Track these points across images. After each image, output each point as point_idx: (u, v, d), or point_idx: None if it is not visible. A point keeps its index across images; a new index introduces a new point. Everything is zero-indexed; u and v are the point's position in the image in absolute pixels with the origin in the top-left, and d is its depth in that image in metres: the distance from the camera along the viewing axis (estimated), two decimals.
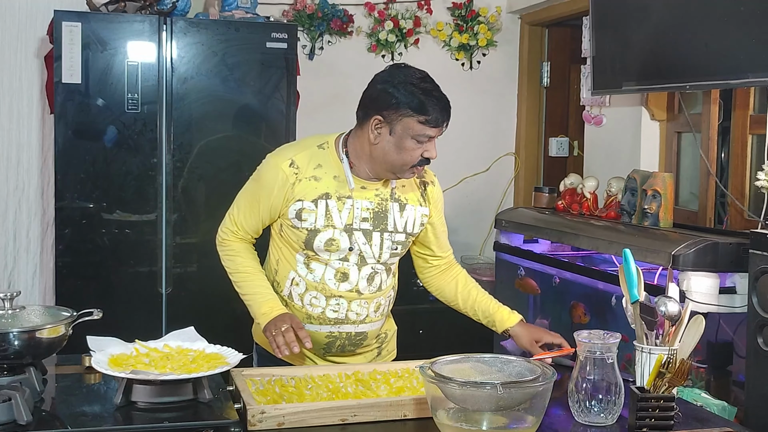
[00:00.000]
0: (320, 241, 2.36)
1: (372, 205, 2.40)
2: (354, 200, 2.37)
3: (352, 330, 2.46)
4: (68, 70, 3.73)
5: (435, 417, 1.83)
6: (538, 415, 1.81)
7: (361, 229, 2.38)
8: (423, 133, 2.28)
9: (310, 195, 2.36)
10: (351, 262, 2.40)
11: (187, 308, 3.90)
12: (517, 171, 5.27)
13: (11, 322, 2.02)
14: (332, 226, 2.36)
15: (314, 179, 2.37)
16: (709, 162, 3.66)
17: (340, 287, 2.41)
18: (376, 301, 2.47)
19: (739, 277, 2.91)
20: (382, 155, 2.33)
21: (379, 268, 2.44)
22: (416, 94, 2.26)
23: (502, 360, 1.96)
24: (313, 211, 2.35)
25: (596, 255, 3.73)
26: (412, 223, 2.46)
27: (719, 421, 2.05)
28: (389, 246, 2.42)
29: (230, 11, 4.09)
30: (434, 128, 2.29)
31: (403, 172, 2.35)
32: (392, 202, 2.43)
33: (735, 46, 3.15)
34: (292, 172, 2.37)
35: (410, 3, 4.97)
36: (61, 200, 3.80)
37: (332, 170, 2.38)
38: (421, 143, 2.30)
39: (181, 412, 1.91)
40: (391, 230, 2.42)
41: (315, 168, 2.38)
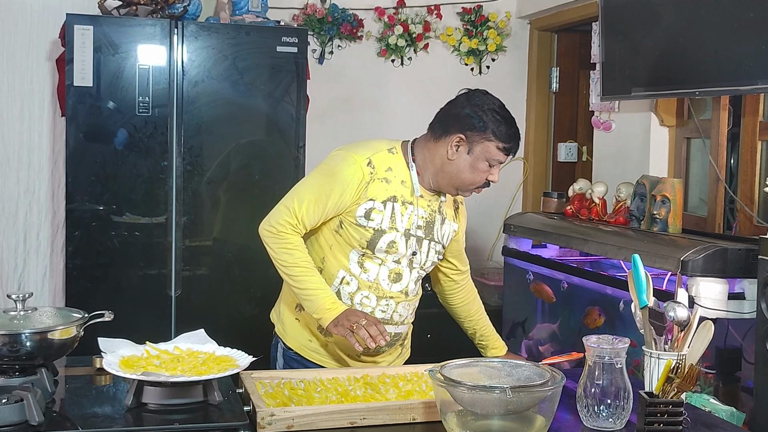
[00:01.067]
0: (384, 242, 2.44)
1: (426, 215, 2.51)
2: (415, 207, 2.48)
3: (392, 330, 2.53)
4: (80, 73, 3.75)
5: (444, 421, 1.83)
6: (547, 419, 1.81)
7: (416, 235, 2.49)
8: (497, 158, 2.43)
9: (381, 196, 2.44)
10: (403, 264, 2.50)
11: (197, 311, 3.91)
12: (525, 176, 5.28)
13: (23, 323, 2.03)
14: (395, 229, 2.45)
15: (385, 181, 2.45)
16: (719, 168, 3.66)
17: (393, 288, 2.50)
18: (414, 303, 2.61)
19: (748, 283, 2.90)
20: (455, 172, 2.45)
21: (421, 273, 2.58)
22: (501, 123, 2.42)
23: (511, 364, 1.97)
24: (382, 212, 2.43)
25: (605, 260, 3.73)
26: (447, 237, 2.60)
27: (727, 427, 2.05)
28: (433, 255, 2.56)
29: (241, 15, 4.10)
30: (506, 155, 2.45)
31: (466, 190, 2.50)
32: (438, 214, 2.55)
33: (744, 52, 3.15)
34: (369, 171, 2.44)
35: (420, 8, 4.98)
36: (72, 202, 3.81)
37: (400, 175, 2.48)
38: (492, 167, 2.44)
39: (192, 414, 1.93)
40: (437, 240, 2.55)
41: (386, 170, 2.46)
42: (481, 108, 2.44)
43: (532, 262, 4.06)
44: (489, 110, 2.44)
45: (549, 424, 1.82)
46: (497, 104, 2.47)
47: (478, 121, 2.42)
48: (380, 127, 4.89)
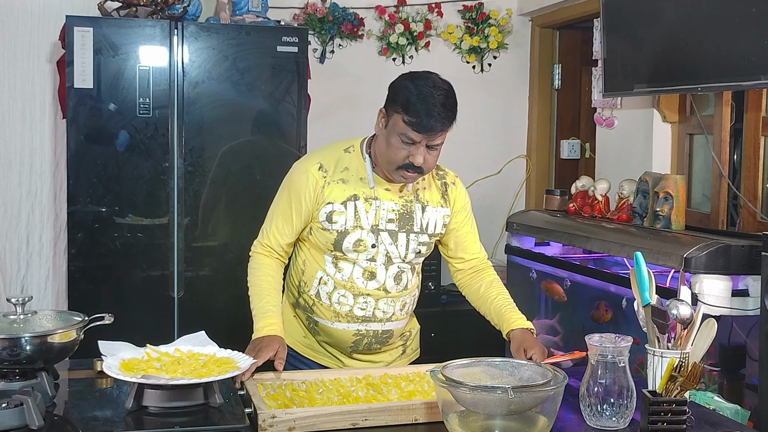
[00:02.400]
0: (349, 242, 2.40)
1: (397, 207, 2.44)
2: (380, 201, 2.42)
3: (378, 328, 2.49)
4: (80, 74, 3.74)
5: (446, 421, 1.83)
6: (549, 419, 1.81)
7: (387, 229, 2.42)
8: (405, 133, 2.28)
9: (339, 197, 2.40)
10: (378, 261, 2.44)
11: (199, 312, 3.91)
12: (528, 173, 5.26)
13: (23, 327, 2.03)
14: (360, 227, 2.40)
15: (342, 182, 2.41)
16: (722, 164, 3.65)
17: (368, 285, 2.45)
18: (402, 299, 2.52)
19: (752, 279, 2.89)
20: (378, 148, 2.38)
21: (404, 267, 2.48)
22: (414, 94, 2.27)
23: (513, 364, 1.96)
24: (343, 213, 2.39)
25: (608, 258, 3.72)
26: (434, 224, 2.50)
27: (732, 425, 2.04)
28: (414, 247, 2.46)
29: (241, 15, 4.10)
30: (417, 133, 2.27)
31: (392, 173, 2.36)
32: (416, 203, 2.46)
33: (747, 47, 3.14)
34: (321, 175, 2.41)
35: (421, 6, 4.97)
36: (74, 204, 3.81)
37: (358, 172, 2.43)
38: (405, 144, 2.29)
39: (192, 417, 1.92)
40: (417, 231, 2.46)
41: (342, 171, 2.42)
42: (401, 80, 2.33)
43: (535, 260, 4.06)
44: (407, 81, 2.31)
45: (551, 424, 1.81)
46: (427, 79, 2.31)
47: (392, 92, 2.33)
48: None
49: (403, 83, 2.32)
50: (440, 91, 2.29)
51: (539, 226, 3.96)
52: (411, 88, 2.28)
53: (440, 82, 2.33)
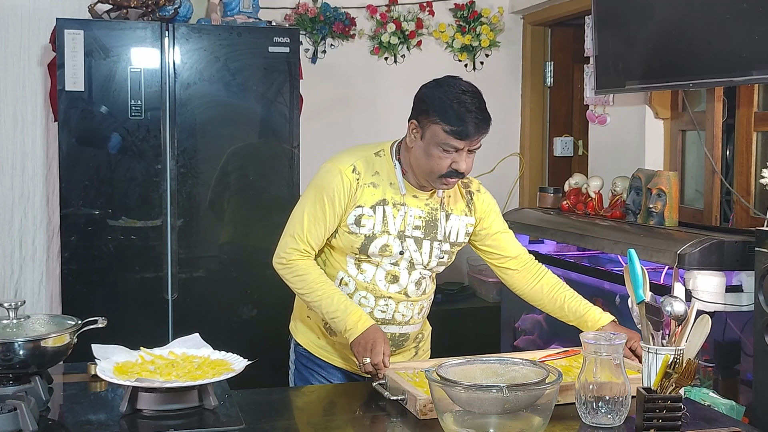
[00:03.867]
0: (375, 246, 2.39)
1: (423, 214, 2.44)
2: (408, 208, 2.42)
3: (396, 331, 2.50)
4: (71, 77, 3.73)
5: (441, 421, 1.83)
6: (545, 418, 1.81)
7: (413, 236, 2.42)
8: (447, 142, 2.29)
9: (369, 201, 2.39)
10: (401, 266, 2.44)
11: (194, 314, 3.90)
12: (522, 171, 5.27)
13: (16, 331, 2.02)
14: (387, 232, 2.40)
15: (373, 186, 2.40)
16: (714, 160, 3.65)
17: (390, 289, 2.45)
18: (420, 303, 2.53)
19: (746, 275, 2.89)
20: (415, 161, 2.37)
21: (426, 273, 2.50)
22: (447, 103, 2.28)
23: (508, 362, 1.96)
24: (372, 217, 2.39)
25: (602, 255, 3.72)
26: (456, 233, 2.50)
27: (727, 421, 2.04)
28: (437, 254, 2.47)
29: (232, 16, 4.09)
30: (460, 140, 2.29)
31: (433, 182, 2.37)
32: (441, 211, 2.47)
33: (738, 43, 3.14)
34: (354, 177, 2.39)
35: (412, 5, 4.97)
36: (67, 207, 3.80)
37: (388, 177, 2.42)
38: (448, 153, 2.31)
39: (187, 419, 1.92)
40: (440, 239, 2.47)
41: (373, 175, 2.41)
42: (431, 90, 2.34)
43: None
44: (439, 91, 2.31)
45: (547, 423, 1.81)
46: (458, 86, 2.33)
47: (424, 104, 2.32)
48: (374, 126, 4.88)
49: (433, 94, 2.32)
50: (472, 95, 2.32)
51: (533, 224, 3.96)
52: (443, 97, 2.29)
53: (467, 85, 2.35)
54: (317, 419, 2.02)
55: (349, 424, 1.99)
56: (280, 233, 2.49)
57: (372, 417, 2.03)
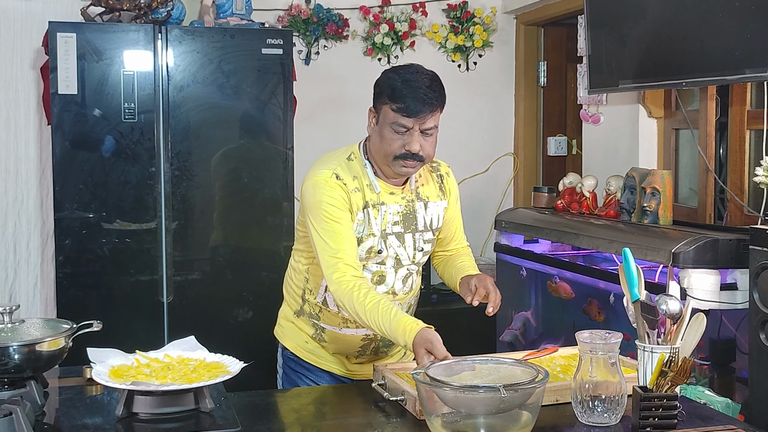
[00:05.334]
0: (363, 250, 2.36)
1: (401, 209, 2.41)
2: (387, 206, 2.39)
3: None
4: (64, 80, 3.73)
5: (429, 422, 1.83)
6: (533, 415, 1.82)
7: (393, 233, 2.39)
8: (397, 121, 2.26)
9: (358, 206, 2.35)
10: (388, 265, 2.41)
11: (189, 317, 3.90)
12: (516, 171, 5.27)
13: (11, 335, 2.02)
14: (372, 234, 2.37)
15: (357, 190, 2.36)
16: (708, 158, 3.66)
17: (378, 289, 2.40)
18: (408, 301, 2.50)
19: (740, 273, 2.90)
20: (373, 147, 2.35)
21: (413, 269, 2.47)
22: (394, 82, 2.28)
23: (495, 361, 1.99)
24: (362, 222, 2.36)
25: (597, 254, 3.72)
26: (437, 219, 2.48)
27: (723, 419, 2.04)
28: (420, 245, 2.44)
29: (225, 18, 4.09)
30: (408, 118, 2.25)
31: (392, 165, 2.32)
32: (418, 201, 2.44)
33: (731, 41, 3.15)
34: (342, 184, 2.33)
35: (405, 5, 4.97)
36: (61, 211, 3.79)
37: (365, 179, 2.38)
38: (398, 133, 2.27)
39: (183, 422, 1.91)
40: (421, 230, 2.44)
41: (353, 180, 2.36)
42: (385, 74, 2.33)
43: (524, 258, 4.06)
44: (391, 73, 2.31)
45: (535, 420, 1.82)
46: (408, 68, 2.31)
47: (378, 88, 2.32)
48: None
49: (386, 75, 2.32)
50: (424, 75, 2.29)
51: (528, 224, 3.96)
52: (394, 77, 2.29)
53: (421, 68, 2.33)
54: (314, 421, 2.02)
55: (348, 427, 1.99)
56: (274, 235, 2.47)
57: (371, 417, 2.03)
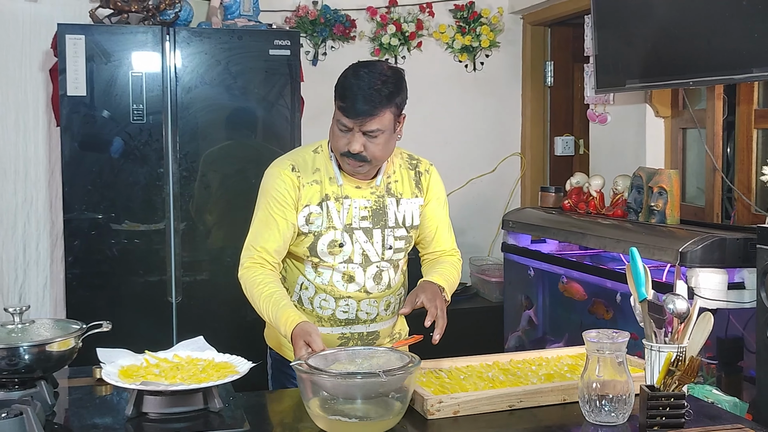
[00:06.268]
0: (323, 244, 2.36)
1: (369, 203, 2.39)
2: (352, 200, 2.37)
3: (363, 330, 2.46)
4: (73, 82, 3.74)
5: (306, 406, 1.93)
6: (404, 404, 1.94)
7: (361, 227, 2.38)
8: (339, 119, 2.28)
9: (315, 199, 2.36)
10: (355, 262, 2.39)
11: (198, 317, 3.91)
12: (523, 171, 5.27)
13: (21, 336, 2.03)
14: (333, 228, 2.36)
15: (315, 183, 2.37)
16: (715, 157, 3.65)
17: (349, 288, 2.41)
18: (386, 299, 2.48)
19: (748, 272, 2.90)
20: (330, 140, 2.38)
21: (384, 266, 2.44)
22: (344, 79, 2.28)
23: (369, 350, 2.13)
24: (320, 214, 2.36)
25: (604, 254, 3.73)
26: (411, 216, 2.45)
27: (731, 418, 2.04)
28: (391, 242, 2.42)
29: (233, 20, 4.10)
30: (348, 118, 2.25)
31: (341, 162, 2.35)
32: (389, 197, 2.42)
33: (738, 40, 3.15)
34: (296, 176, 2.37)
35: (412, 6, 4.98)
36: (70, 212, 3.81)
37: (327, 172, 2.39)
38: (342, 131, 2.29)
39: (192, 422, 1.92)
40: (391, 226, 2.42)
41: (314, 172, 2.38)
42: (345, 70, 2.32)
43: (531, 258, 4.07)
44: (347, 70, 2.30)
45: (405, 408, 1.94)
46: (362, 65, 2.30)
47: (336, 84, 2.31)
48: None
49: (344, 71, 2.32)
50: (375, 75, 2.26)
51: (535, 224, 3.97)
52: (347, 73, 2.29)
53: (382, 67, 2.29)
54: None
55: None
56: None
57: None
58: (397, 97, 2.29)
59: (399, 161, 2.48)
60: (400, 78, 2.32)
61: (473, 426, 1.96)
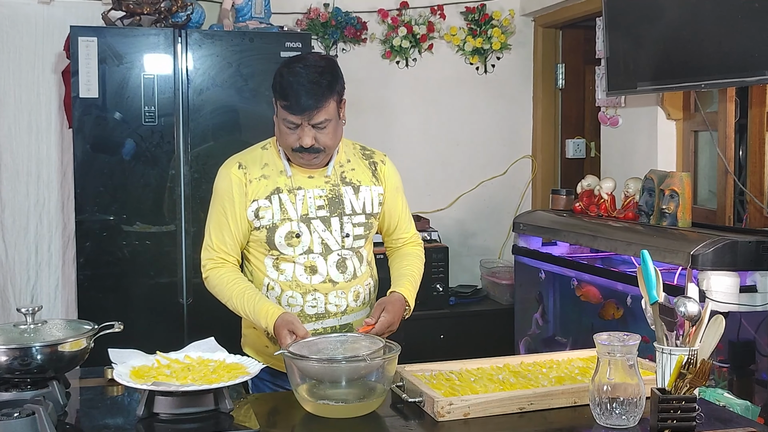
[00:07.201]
0: (280, 236, 2.39)
1: (324, 193, 2.43)
2: (305, 190, 2.42)
3: (335, 323, 2.45)
4: (85, 84, 3.76)
5: (295, 392, 2.05)
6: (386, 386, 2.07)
7: (318, 216, 2.42)
8: (285, 117, 2.32)
9: (262, 193, 2.41)
10: (315, 252, 2.41)
11: (208, 318, 3.90)
12: (534, 173, 5.26)
13: (33, 336, 2.04)
14: (288, 219, 2.39)
15: (264, 177, 2.42)
16: (727, 160, 3.64)
17: (313, 280, 2.42)
18: (354, 289, 2.48)
19: (760, 275, 2.89)
20: (276, 138, 2.43)
21: (346, 254, 2.46)
22: (283, 78, 2.32)
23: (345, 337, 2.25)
24: (269, 208, 2.39)
25: (615, 256, 3.72)
26: (371, 203, 2.49)
27: (742, 421, 2.03)
28: (350, 228, 2.44)
29: (244, 22, 4.11)
30: (294, 115, 2.30)
31: (293, 158, 2.40)
32: (344, 186, 2.46)
33: (750, 42, 3.14)
34: (242, 173, 2.42)
35: (423, 8, 4.98)
36: (81, 213, 3.83)
37: (277, 166, 2.44)
38: (290, 129, 2.33)
39: (203, 423, 1.93)
40: (348, 213, 2.45)
41: (262, 168, 2.44)
42: (280, 67, 2.36)
43: (542, 260, 4.06)
44: (282, 67, 2.35)
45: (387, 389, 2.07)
46: (296, 60, 2.36)
47: (273, 81, 2.35)
48: (386, 129, 4.89)
49: (278, 69, 2.36)
50: (311, 68, 2.31)
51: (546, 226, 3.96)
52: (282, 72, 2.33)
53: (315, 59, 2.36)
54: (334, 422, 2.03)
55: (366, 427, 2.00)
56: None
57: (389, 419, 2.04)
58: (337, 85, 2.37)
59: (352, 151, 2.55)
60: (335, 65, 2.41)
61: (483, 428, 1.96)
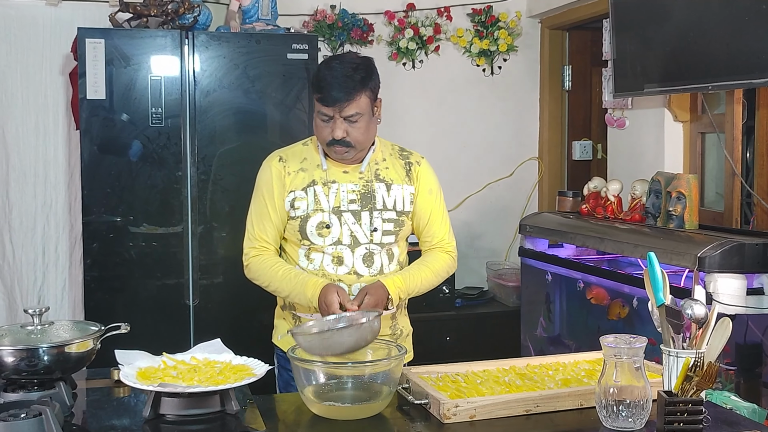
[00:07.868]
0: (312, 225, 2.49)
1: (358, 188, 2.52)
2: (339, 184, 2.51)
3: None
4: (92, 86, 3.77)
5: (301, 394, 2.05)
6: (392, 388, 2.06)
7: (349, 210, 2.51)
8: (319, 110, 2.44)
9: (299, 184, 2.52)
10: (344, 243, 2.49)
11: (215, 319, 3.92)
12: (541, 175, 5.26)
13: (40, 337, 2.04)
14: (321, 210, 2.49)
15: (302, 171, 2.54)
16: (734, 162, 3.63)
17: (338, 271, 2.51)
18: None
19: (767, 278, 2.88)
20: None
21: (374, 248, 2.53)
22: (318, 72, 2.45)
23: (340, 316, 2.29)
24: (304, 198, 2.50)
25: (622, 258, 3.71)
26: (402, 201, 2.56)
27: (749, 424, 2.03)
28: (380, 224, 2.51)
29: (251, 24, 4.12)
30: (327, 107, 2.41)
31: (328, 152, 2.51)
32: (377, 182, 2.54)
33: (757, 44, 3.13)
34: (282, 166, 2.56)
35: (430, 10, 4.98)
36: (88, 215, 3.83)
37: (315, 161, 2.55)
38: (324, 122, 2.44)
39: (209, 424, 1.93)
40: (379, 208, 2.53)
41: (301, 162, 2.55)
42: (318, 65, 2.51)
43: (549, 262, 4.05)
44: (321, 64, 2.49)
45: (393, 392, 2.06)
46: (334, 57, 2.49)
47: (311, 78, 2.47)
48: (393, 131, 4.88)
49: (317, 67, 2.49)
50: (346, 64, 2.43)
51: (552, 228, 3.95)
52: (320, 67, 2.47)
53: (351, 57, 2.48)
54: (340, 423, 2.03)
55: (372, 429, 2.00)
56: None
57: (395, 421, 2.04)
58: (370, 81, 2.46)
59: (390, 151, 2.63)
60: (371, 65, 2.49)
61: (489, 430, 1.95)
